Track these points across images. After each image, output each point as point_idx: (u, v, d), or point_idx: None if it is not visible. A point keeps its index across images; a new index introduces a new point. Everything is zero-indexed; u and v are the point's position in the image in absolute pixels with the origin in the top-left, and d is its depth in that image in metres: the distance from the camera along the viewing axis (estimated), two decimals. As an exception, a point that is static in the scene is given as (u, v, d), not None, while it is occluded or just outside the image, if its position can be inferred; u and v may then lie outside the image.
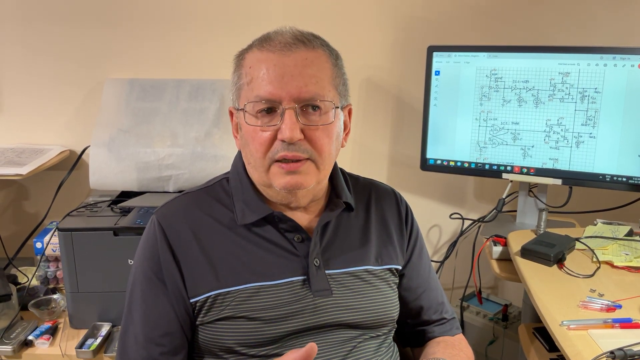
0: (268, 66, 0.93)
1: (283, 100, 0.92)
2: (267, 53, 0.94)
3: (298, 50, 0.94)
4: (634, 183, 1.55)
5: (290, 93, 0.92)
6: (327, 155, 0.97)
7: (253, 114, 0.95)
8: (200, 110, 1.80)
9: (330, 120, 0.95)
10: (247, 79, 0.96)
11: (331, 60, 0.98)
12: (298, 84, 0.92)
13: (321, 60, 0.96)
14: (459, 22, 1.88)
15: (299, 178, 0.95)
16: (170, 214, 1.01)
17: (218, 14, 1.88)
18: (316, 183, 0.98)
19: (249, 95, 0.95)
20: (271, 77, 0.92)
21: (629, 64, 1.51)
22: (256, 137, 0.95)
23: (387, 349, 1.06)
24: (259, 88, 0.93)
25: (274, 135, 0.93)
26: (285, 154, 0.93)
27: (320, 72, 0.94)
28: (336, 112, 0.97)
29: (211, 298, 0.96)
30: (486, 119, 1.69)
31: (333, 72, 0.97)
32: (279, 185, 0.95)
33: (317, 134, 0.94)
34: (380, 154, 2.00)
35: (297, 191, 0.97)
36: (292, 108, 0.92)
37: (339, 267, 1.01)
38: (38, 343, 1.50)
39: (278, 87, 0.92)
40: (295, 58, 0.93)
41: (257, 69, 0.94)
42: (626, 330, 1.06)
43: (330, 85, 0.96)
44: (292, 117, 0.92)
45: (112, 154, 1.70)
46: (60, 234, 1.49)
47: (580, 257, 1.36)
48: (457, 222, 1.96)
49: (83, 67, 1.90)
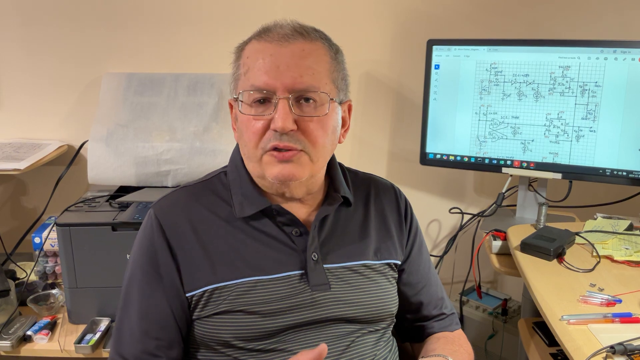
0: (264, 56, 0.93)
1: (277, 90, 0.92)
2: (265, 43, 0.94)
3: (296, 41, 0.93)
4: (634, 177, 1.55)
5: (284, 83, 0.91)
6: (320, 148, 0.96)
7: (248, 103, 0.94)
8: (198, 104, 1.79)
9: (325, 112, 0.95)
10: (244, 69, 0.95)
11: (330, 53, 0.97)
12: (293, 75, 0.91)
13: (319, 53, 0.95)
14: (458, 15, 1.87)
15: (292, 168, 0.94)
16: (167, 208, 1.01)
17: (217, 8, 1.87)
18: (309, 176, 0.97)
19: (245, 84, 0.95)
20: (267, 67, 0.92)
21: (629, 57, 1.50)
22: (250, 126, 0.94)
23: (386, 344, 1.06)
24: (255, 78, 0.93)
25: (267, 125, 0.93)
26: (277, 143, 0.92)
27: (317, 64, 0.94)
28: (332, 105, 0.96)
29: (208, 292, 0.95)
30: (486, 113, 1.68)
31: (331, 65, 0.96)
32: (271, 175, 0.95)
33: (311, 125, 0.93)
34: (379, 148, 2.00)
35: (289, 182, 0.96)
36: (285, 98, 0.91)
37: (337, 262, 1.01)
38: (37, 338, 1.50)
39: (273, 77, 0.91)
40: (292, 49, 0.93)
41: (254, 59, 0.94)
42: (626, 324, 1.06)
43: (327, 78, 0.95)
44: (285, 107, 0.91)
45: (110, 149, 1.69)
46: (59, 229, 1.49)
47: (580, 252, 1.36)
48: (457, 217, 1.96)
49: (81, 62, 1.89)
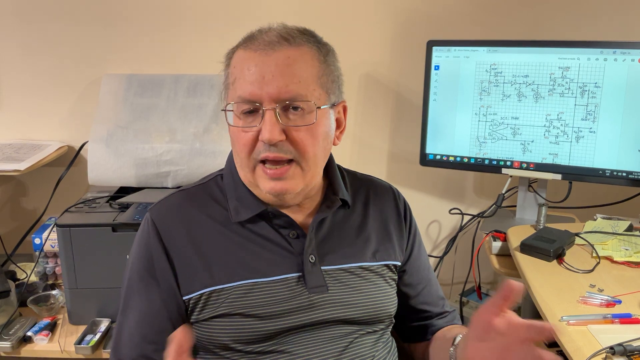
0: (249, 66, 0.92)
1: (264, 101, 0.91)
2: (250, 52, 0.93)
3: (281, 48, 0.92)
4: (634, 178, 1.55)
5: (270, 94, 0.90)
6: (311, 157, 0.94)
7: (237, 115, 0.94)
8: (198, 106, 1.79)
9: (312, 121, 0.93)
10: (232, 79, 0.95)
11: (318, 57, 0.95)
12: (278, 84, 0.90)
13: (305, 58, 0.93)
14: (458, 16, 1.87)
15: (284, 184, 0.94)
16: (164, 212, 1.01)
17: (216, 9, 1.87)
18: (303, 186, 0.97)
19: (233, 95, 0.94)
20: (252, 78, 0.91)
21: (629, 58, 1.50)
22: (240, 137, 0.94)
23: (385, 344, 1.05)
24: (241, 88, 0.92)
25: (256, 136, 0.92)
26: (267, 154, 0.92)
27: (303, 71, 0.92)
28: (321, 112, 0.94)
29: (205, 295, 0.95)
30: (486, 114, 1.68)
31: (319, 69, 0.95)
32: (265, 189, 0.95)
33: (300, 134, 0.92)
34: (379, 149, 2.00)
35: (283, 196, 0.96)
36: (272, 109, 0.91)
37: (334, 264, 1.01)
38: (37, 339, 1.50)
39: (258, 87, 0.91)
40: (277, 57, 0.91)
41: (240, 69, 0.93)
42: (626, 325, 1.06)
43: (315, 84, 0.93)
44: (272, 118, 0.90)
45: (110, 150, 1.69)
46: (59, 229, 1.49)
47: (580, 252, 1.36)
48: (457, 218, 1.96)
49: (81, 63, 1.89)
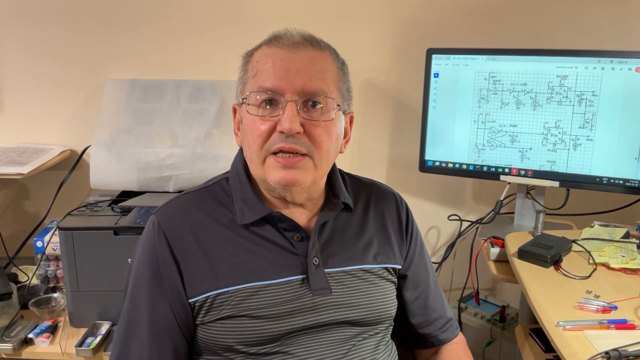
0: (274, 60, 0.94)
1: (286, 93, 0.93)
2: (275, 49, 0.96)
3: (305, 49, 0.95)
4: (631, 186, 1.56)
5: (294, 86, 0.92)
6: (325, 153, 0.97)
7: (255, 104, 0.95)
8: (200, 111, 1.80)
9: (331, 118, 0.96)
10: (253, 72, 0.97)
11: (337, 63, 0.99)
12: (303, 78, 0.93)
13: (327, 62, 0.97)
14: (458, 25, 1.88)
15: (295, 174, 0.94)
16: (169, 214, 1.02)
17: (219, 15, 1.89)
18: (312, 182, 0.98)
19: (253, 86, 0.96)
20: (276, 70, 0.93)
21: (626, 67, 1.52)
22: (255, 127, 0.95)
23: (386, 347, 1.07)
24: (264, 79, 0.94)
25: (273, 127, 0.93)
26: (283, 145, 0.93)
27: (326, 71, 0.96)
28: (338, 113, 0.98)
29: (211, 298, 0.96)
30: (484, 121, 1.70)
31: (338, 75, 0.99)
32: (273, 180, 0.95)
33: (317, 130, 0.94)
34: (379, 155, 2.01)
35: (291, 187, 0.96)
36: (294, 101, 0.93)
37: (337, 266, 1.02)
38: (38, 341, 1.51)
39: (282, 79, 0.93)
40: (302, 55, 0.94)
41: (264, 62, 0.95)
42: (621, 331, 1.07)
43: (334, 87, 0.97)
44: (293, 110, 0.92)
45: (112, 154, 1.71)
46: (61, 233, 1.50)
47: (577, 259, 1.37)
48: (455, 224, 1.96)
49: (84, 68, 1.91)
